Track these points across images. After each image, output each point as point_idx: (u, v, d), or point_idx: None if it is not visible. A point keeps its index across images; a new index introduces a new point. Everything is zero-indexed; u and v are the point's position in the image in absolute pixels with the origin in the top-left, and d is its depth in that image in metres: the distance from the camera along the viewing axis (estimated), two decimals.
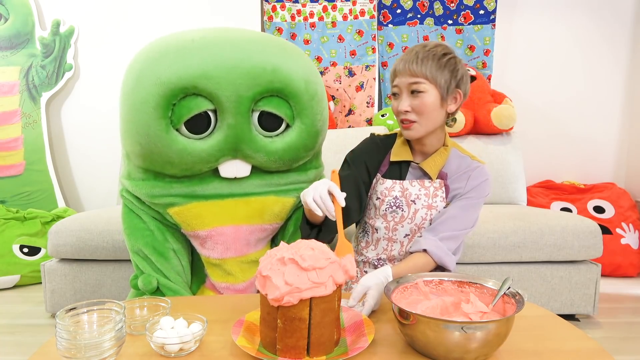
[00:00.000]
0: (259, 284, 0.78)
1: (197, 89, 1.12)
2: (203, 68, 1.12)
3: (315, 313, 0.75)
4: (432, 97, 1.10)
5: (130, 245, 1.31)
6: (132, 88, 1.17)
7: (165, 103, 1.12)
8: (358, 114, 2.86)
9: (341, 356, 0.75)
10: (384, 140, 1.28)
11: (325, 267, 0.76)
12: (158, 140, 1.15)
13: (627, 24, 2.79)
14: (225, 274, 1.32)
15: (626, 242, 2.51)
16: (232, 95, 1.13)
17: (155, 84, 1.12)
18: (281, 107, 1.21)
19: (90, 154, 2.87)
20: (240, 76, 1.13)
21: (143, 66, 1.16)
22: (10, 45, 2.71)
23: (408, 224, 1.19)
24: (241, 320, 0.86)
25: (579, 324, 1.92)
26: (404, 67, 1.11)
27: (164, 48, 1.16)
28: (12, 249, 2.40)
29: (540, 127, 2.88)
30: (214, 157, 1.20)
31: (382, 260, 1.23)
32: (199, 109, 1.15)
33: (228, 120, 1.16)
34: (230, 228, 1.28)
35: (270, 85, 1.17)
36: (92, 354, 0.72)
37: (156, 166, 1.22)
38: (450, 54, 1.12)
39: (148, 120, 1.14)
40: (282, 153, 1.24)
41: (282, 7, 2.79)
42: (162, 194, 1.25)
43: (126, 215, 1.33)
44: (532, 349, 0.80)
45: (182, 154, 1.17)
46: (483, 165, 1.20)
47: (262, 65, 1.15)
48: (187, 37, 1.18)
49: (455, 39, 2.77)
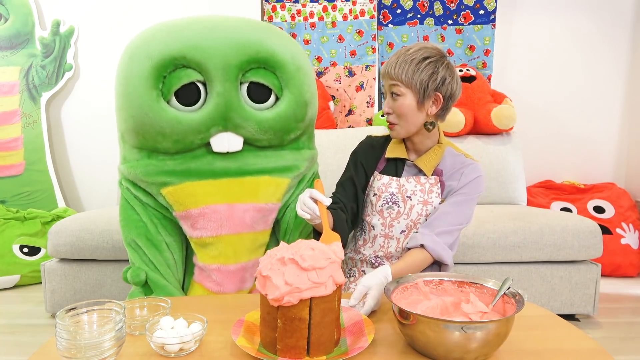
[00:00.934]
0: (259, 284, 0.78)
1: (185, 60, 1.19)
2: (192, 40, 1.19)
3: (315, 313, 0.75)
4: (408, 100, 1.14)
5: (124, 236, 1.34)
6: (126, 64, 1.24)
7: (156, 74, 1.19)
8: (358, 114, 2.86)
9: (341, 356, 0.75)
10: (380, 140, 1.31)
11: (325, 267, 0.76)
12: (149, 109, 1.20)
13: (627, 24, 2.79)
14: (217, 253, 1.32)
15: (626, 242, 2.51)
16: (220, 63, 1.19)
17: (147, 57, 1.19)
18: (268, 77, 1.26)
19: (90, 154, 2.87)
20: (227, 46, 1.19)
21: (136, 44, 1.24)
22: (10, 45, 2.71)
23: (404, 219, 1.20)
24: (241, 320, 0.86)
25: (579, 324, 1.92)
26: (384, 71, 1.16)
27: (158, 27, 1.25)
28: (12, 249, 2.40)
29: (540, 127, 2.88)
30: (205, 126, 1.23)
31: (379, 258, 1.25)
32: (189, 79, 1.20)
33: (217, 88, 1.21)
34: (224, 206, 1.29)
35: (257, 55, 1.22)
36: (92, 354, 0.72)
37: (149, 139, 1.25)
38: (432, 58, 1.12)
39: (140, 91, 1.20)
40: (272, 122, 1.27)
41: (282, 7, 2.79)
42: (156, 171, 1.27)
43: (122, 207, 1.36)
44: (532, 349, 0.80)
45: (173, 122, 1.21)
46: (476, 163, 1.22)
47: (248, 37, 1.22)
48: (177, 20, 1.27)
49: (455, 39, 2.77)
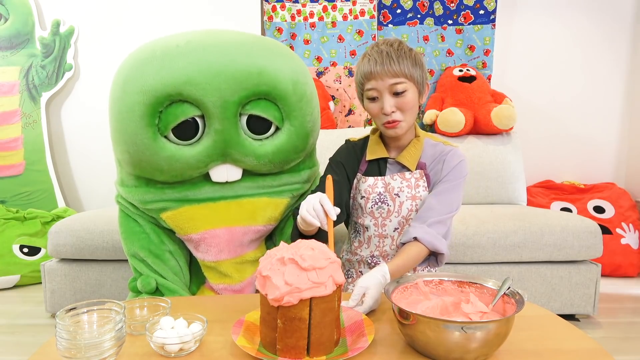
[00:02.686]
0: (259, 284, 0.78)
1: (182, 96, 1.11)
2: (187, 74, 1.10)
3: (315, 313, 0.75)
4: (412, 94, 1.13)
5: (127, 249, 1.32)
6: (119, 96, 1.16)
7: (151, 111, 1.12)
8: (358, 114, 2.86)
9: (341, 356, 0.75)
10: (359, 143, 1.31)
11: (325, 267, 0.76)
12: (146, 148, 1.15)
13: (627, 24, 2.79)
14: (221, 275, 1.32)
15: (626, 242, 2.51)
16: (218, 100, 1.12)
17: (140, 92, 1.11)
18: (269, 110, 1.19)
19: (90, 154, 2.87)
20: (225, 81, 1.12)
21: (128, 73, 1.15)
22: (10, 45, 2.71)
23: (395, 217, 1.20)
24: (241, 320, 0.86)
25: (579, 324, 1.92)
26: (382, 69, 1.10)
27: (149, 54, 1.15)
28: (12, 249, 2.40)
29: (540, 127, 2.88)
30: (203, 163, 1.20)
31: (375, 258, 1.25)
32: (185, 116, 1.14)
33: (215, 125, 1.15)
34: (222, 230, 1.28)
35: (257, 88, 1.15)
36: (92, 354, 0.72)
37: (146, 173, 1.22)
38: (411, 49, 1.15)
39: (135, 128, 1.13)
40: (271, 156, 1.23)
41: (282, 7, 2.79)
42: (155, 199, 1.25)
43: (122, 219, 1.33)
44: (532, 349, 0.80)
45: (171, 160, 1.16)
46: (456, 148, 1.22)
47: (247, 68, 1.14)
48: (172, 42, 1.16)
49: (455, 39, 2.77)
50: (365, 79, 1.14)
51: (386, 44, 1.13)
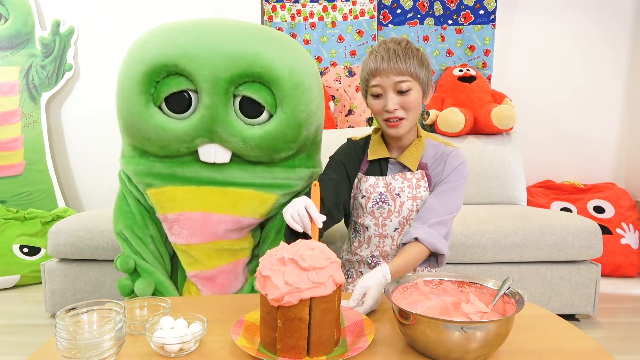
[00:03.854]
0: (259, 284, 0.78)
1: (177, 68, 1.17)
2: (185, 48, 1.16)
3: (315, 313, 0.75)
4: (416, 93, 1.13)
5: (114, 226, 1.37)
6: (122, 67, 1.24)
7: (147, 79, 1.18)
8: (358, 114, 2.86)
9: (341, 356, 0.75)
10: (360, 142, 1.30)
11: (325, 267, 0.76)
12: (137, 114, 1.21)
13: (627, 24, 2.79)
14: (193, 260, 1.34)
15: (626, 242, 2.51)
16: (209, 75, 1.16)
17: (140, 62, 1.18)
18: (261, 93, 1.21)
19: (90, 154, 2.87)
20: (219, 57, 1.16)
21: (134, 47, 1.24)
22: (10, 45, 2.71)
23: (396, 217, 1.20)
24: (241, 321, 0.86)
25: (579, 324, 1.92)
26: (388, 67, 1.10)
27: (158, 30, 1.23)
28: (12, 249, 2.40)
29: (540, 127, 2.88)
30: (189, 137, 1.23)
31: (375, 258, 1.25)
32: (178, 87, 1.19)
33: (205, 100, 1.19)
34: (198, 214, 1.29)
35: (249, 69, 1.17)
36: (92, 354, 0.72)
37: (137, 142, 1.28)
38: (419, 49, 1.16)
39: (130, 94, 1.20)
40: (258, 140, 1.23)
41: (282, 7, 2.79)
42: (145, 172, 1.29)
43: (118, 198, 1.39)
44: (532, 349, 0.80)
45: (158, 130, 1.21)
46: (457, 149, 1.22)
47: (243, 48, 1.18)
48: (182, 22, 1.24)
49: (455, 39, 2.77)
50: (370, 75, 1.14)
51: (394, 42, 1.13)
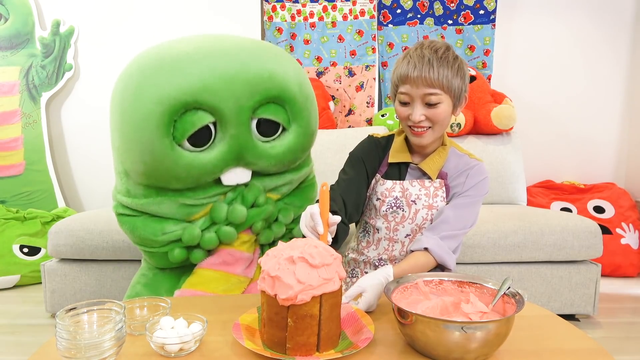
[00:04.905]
0: (267, 285, 0.77)
1: (197, 103, 1.12)
2: (203, 81, 1.11)
3: (325, 309, 0.76)
4: (446, 106, 1.09)
5: (152, 233, 1.28)
6: (132, 104, 1.14)
7: (168, 120, 1.12)
8: (358, 114, 2.86)
9: (350, 348, 0.76)
10: (382, 141, 1.26)
11: (332, 263, 0.78)
12: (164, 157, 1.15)
13: (627, 24, 2.79)
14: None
15: (626, 242, 2.51)
16: (234, 106, 1.15)
17: (157, 102, 1.10)
18: (278, 113, 1.24)
19: (90, 154, 2.87)
20: (240, 86, 1.14)
21: (140, 80, 1.14)
22: (10, 45, 2.71)
23: (409, 224, 1.19)
24: (237, 324, 0.85)
25: (579, 324, 1.92)
26: (418, 76, 1.05)
27: (159, 61, 1.14)
28: (12, 249, 2.40)
29: (540, 127, 2.88)
30: (219, 168, 1.22)
31: (382, 260, 1.23)
32: (202, 123, 1.15)
33: (230, 131, 1.18)
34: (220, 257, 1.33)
35: (268, 92, 1.19)
36: (92, 354, 0.72)
37: (161, 182, 1.21)
38: (457, 56, 1.10)
39: (152, 138, 1.12)
40: (282, 156, 1.27)
41: (282, 7, 2.79)
42: (168, 212, 1.26)
43: (127, 224, 1.29)
44: (532, 349, 0.80)
45: (189, 168, 1.17)
46: (481, 164, 1.20)
47: (259, 73, 1.17)
48: (180, 49, 1.16)
49: (455, 39, 2.77)
50: (400, 81, 1.09)
51: (430, 49, 1.06)
